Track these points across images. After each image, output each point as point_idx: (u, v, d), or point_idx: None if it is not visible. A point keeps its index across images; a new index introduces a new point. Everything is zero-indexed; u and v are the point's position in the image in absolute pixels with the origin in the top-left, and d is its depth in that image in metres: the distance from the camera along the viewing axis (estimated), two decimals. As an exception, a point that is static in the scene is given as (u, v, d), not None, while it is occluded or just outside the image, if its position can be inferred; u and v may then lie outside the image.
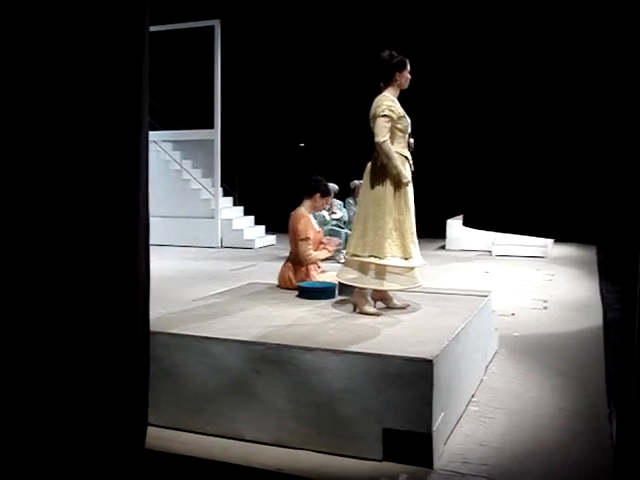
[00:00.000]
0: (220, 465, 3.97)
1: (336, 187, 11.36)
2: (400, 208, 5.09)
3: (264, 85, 18.93)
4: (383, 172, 5.11)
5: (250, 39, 17.78)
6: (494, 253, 13.40)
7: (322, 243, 6.28)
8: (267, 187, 18.96)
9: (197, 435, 4.34)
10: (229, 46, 16.09)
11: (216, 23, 15.58)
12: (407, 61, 5.24)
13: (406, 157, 5.18)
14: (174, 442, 4.25)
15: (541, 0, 1.75)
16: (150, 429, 3.84)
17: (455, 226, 14.23)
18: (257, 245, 15.67)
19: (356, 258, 5.15)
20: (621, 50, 1.55)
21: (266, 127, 19.77)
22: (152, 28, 3.67)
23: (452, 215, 14.62)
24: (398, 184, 5.06)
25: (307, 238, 6.03)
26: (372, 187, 5.14)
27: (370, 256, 5.06)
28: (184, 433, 4.37)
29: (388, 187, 5.08)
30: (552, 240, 12.94)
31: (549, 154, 1.69)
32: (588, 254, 13.27)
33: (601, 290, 9.46)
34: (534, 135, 1.73)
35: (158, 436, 4.24)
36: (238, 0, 16.05)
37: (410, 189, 5.15)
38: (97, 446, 3.27)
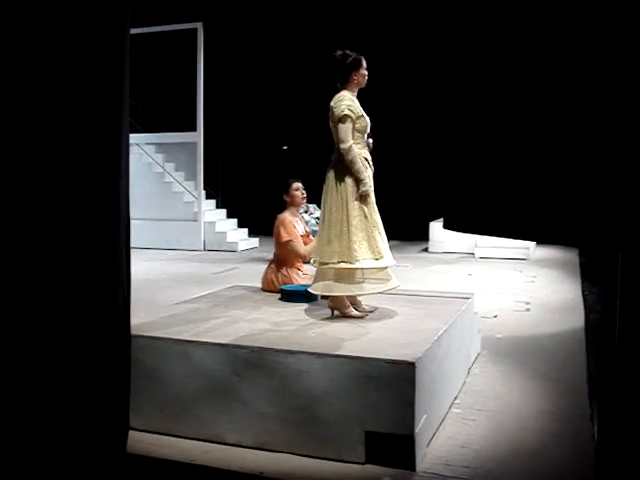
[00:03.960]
0: (201, 469, 3.96)
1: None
2: (364, 209, 5.00)
3: (247, 88, 18.91)
4: (344, 174, 5.01)
5: (233, 42, 17.77)
6: (477, 255, 13.46)
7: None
8: (250, 190, 18.94)
9: (178, 439, 4.32)
10: (212, 49, 16.07)
11: (199, 26, 15.57)
12: (362, 59, 5.16)
13: (365, 158, 5.11)
14: (155, 446, 4.23)
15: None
16: (131, 433, 3.82)
17: (438, 228, 14.26)
18: (240, 248, 15.65)
19: (326, 266, 5.08)
20: (608, 52, 1.55)
21: (249, 130, 19.76)
22: (135, 30, 3.66)
23: (435, 217, 14.65)
24: (359, 186, 4.99)
25: (290, 240, 6.02)
26: (335, 189, 5.05)
27: (340, 262, 4.98)
28: (165, 437, 4.35)
29: (350, 189, 4.99)
30: (534, 242, 12.99)
31: (529, 156, 1.69)
32: (570, 256, 13.34)
33: (583, 292, 9.51)
34: (514, 136, 1.73)
35: (139, 440, 4.22)
36: (221, 3, 16.04)
37: (371, 188, 5.08)
38: (78, 450, 3.25)
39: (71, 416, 3.20)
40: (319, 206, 5.95)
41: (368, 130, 5.15)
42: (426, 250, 14.69)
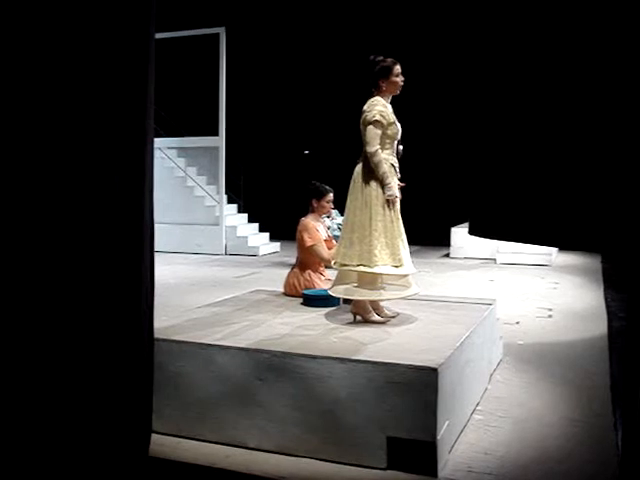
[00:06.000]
0: (222, 473, 3.96)
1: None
2: (389, 214, 4.98)
3: (269, 92, 18.96)
4: (370, 178, 5.00)
5: (255, 47, 17.83)
6: (498, 261, 13.39)
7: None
8: (272, 194, 18.98)
9: (200, 442, 4.33)
10: (234, 53, 16.13)
11: (221, 31, 15.61)
12: (394, 67, 5.08)
13: (392, 164, 5.08)
14: (177, 449, 4.25)
15: (541, 6, 1.75)
16: (153, 436, 3.83)
17: (459, 234, 14.21)
18: (261, 252, 15.66)
19: (346, 267, 5.09)
20: (625, 60, 1.54)
21: (271, 134, 19.80)
22: (158, 35, 3.67)
23: (456, 223, 14.61)
24: (384, 190, 4.97)
25: (314, 244, 6.02)
26: (360, 192, 5.04)
27: (359, 265, 4.98)
28: (186, 440, 4.36)
29: (375, 193, 4.97)
30: (557, 248, 12.92)
31: (554, 163, 1.69)
32: (593, 262, 13.25)
33: (606, 298, 9.44)
34: (539, 143, 1.73)
35: (161, 443, 4.24)
36: (243, 8, 16.11)
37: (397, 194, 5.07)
38: (101, 453, 3.26)
39: (94, 419, 3.21)
40: (341, 212, 5.95)
41: (399, 137, 5.13)
42: (447, 255, 14.64)
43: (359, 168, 5.11)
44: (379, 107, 5.02)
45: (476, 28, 2.01)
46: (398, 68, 5.11)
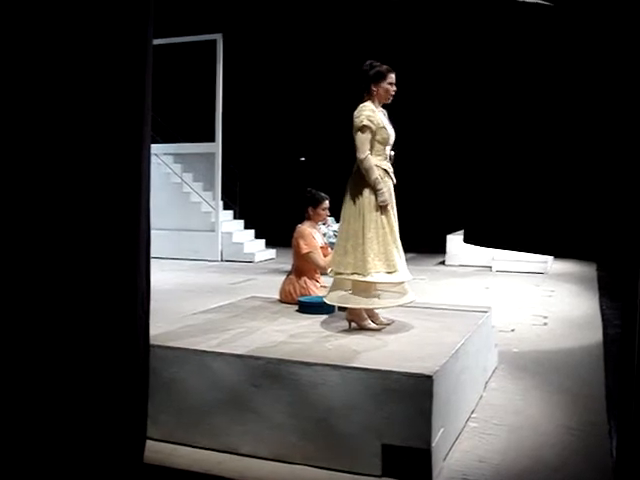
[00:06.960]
0: (216, 479, 3.95)
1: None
2: (382, 221, 4.97)
3: (265, 99, 18.99)
4: (362, 185, 4.99)
5: (252, 53, 17.85)
6: (494, 269, 13.40)
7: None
8: (268, 201, 18.98)
9: (194, 449, 4.31)
10: (231, 60, 16.14)
11: (218, 37, 15.64)
12: (387, 74, 5.07)
13: (385, 169, 5.06)
14: (171, 456, 4.23)
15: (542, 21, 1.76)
16: (148, 443, 3.83)
17: (455, 241, 14.21)
18: (257, 259, 15.66)
19: (340, 276, 5.09)
20: (622, 76, 1.55)
21: (267, 141, 19.81)
22: (155, 41, 3.68)
23: (452, 230, 14.62)
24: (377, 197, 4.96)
25: (310, 251, 6.01)
26: (353, 200, 5.03)
27: (353, 273, 4.97)
28: (181, 447, 4.35)
29: (367, 200, 4.97)
30: (552, 256, 12.93)
31: (549, 173, 1.70)
32: (588, 270, 13.26)
33: (601, 306, 9.45)
34: (534, 154, 1.73)
35: (156, 450, 4.22)
36: (240, 14, 16.12)
37: (392, 200, 5.07)
38: (96, 459, 3.25)
39: (89, 424, 3.21)
40: (337, 219, 5.95)
41: (391, 142, 5.11)
42: (443, 263, 14.65)
43: (352, 176, 5.10)
44: (367, 112, 5.00)
45: (474, 38, 2.02)
46: (392, 77, 5.10)
